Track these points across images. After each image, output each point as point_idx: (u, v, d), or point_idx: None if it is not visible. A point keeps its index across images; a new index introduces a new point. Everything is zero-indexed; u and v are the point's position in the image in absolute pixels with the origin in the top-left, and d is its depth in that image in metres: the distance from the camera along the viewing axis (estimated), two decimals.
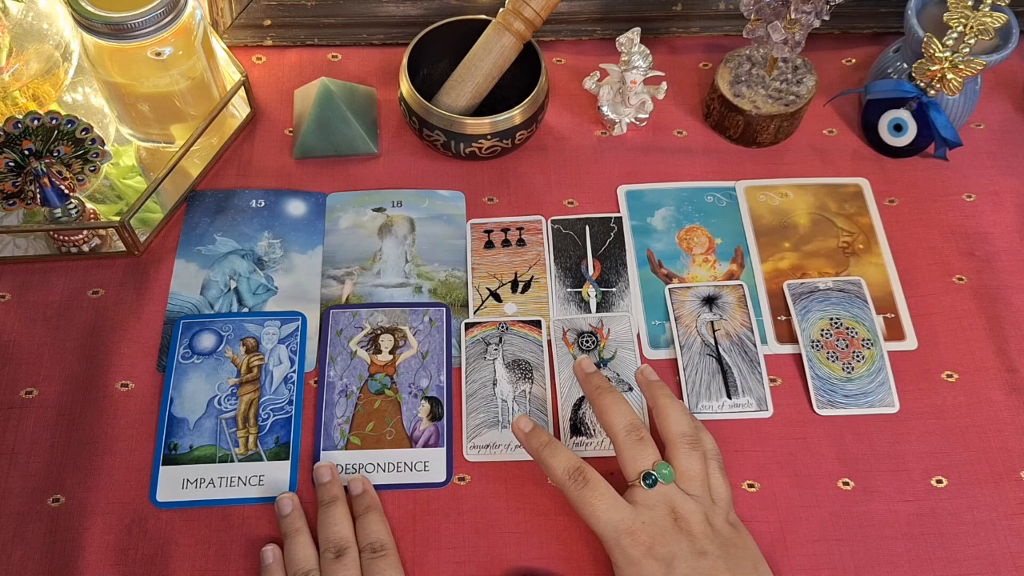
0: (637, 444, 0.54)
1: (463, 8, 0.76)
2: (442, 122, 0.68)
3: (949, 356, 0.65)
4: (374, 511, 0.57)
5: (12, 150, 0.59)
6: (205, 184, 0.71)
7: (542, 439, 0.55)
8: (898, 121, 0.72)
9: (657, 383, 0.59)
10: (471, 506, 0.59)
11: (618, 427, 0.55)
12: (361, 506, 0.57)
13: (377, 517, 0.57)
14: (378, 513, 0.57)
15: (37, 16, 0.67)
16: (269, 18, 0.76)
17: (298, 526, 0.56)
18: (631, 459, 0.54)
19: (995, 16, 0.65)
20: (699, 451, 0.55)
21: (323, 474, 0.58)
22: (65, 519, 0.57)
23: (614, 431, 0.55)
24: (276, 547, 0.56)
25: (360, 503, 0.57)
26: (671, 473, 0.53)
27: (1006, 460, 0.61)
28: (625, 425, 0.55)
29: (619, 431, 0.54)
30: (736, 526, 0.54)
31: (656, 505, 0.52)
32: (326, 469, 0.58)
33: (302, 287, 0.66)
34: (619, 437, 0.54)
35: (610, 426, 0.55)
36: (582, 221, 0.70)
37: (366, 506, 0.57)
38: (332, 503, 0.57)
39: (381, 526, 0.56)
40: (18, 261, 0.67)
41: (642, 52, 0.69)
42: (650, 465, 0.53)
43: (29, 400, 0.61)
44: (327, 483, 0.58)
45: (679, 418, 0.56)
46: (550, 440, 0.55)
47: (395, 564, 0.55)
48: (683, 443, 0.54)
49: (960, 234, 0.70)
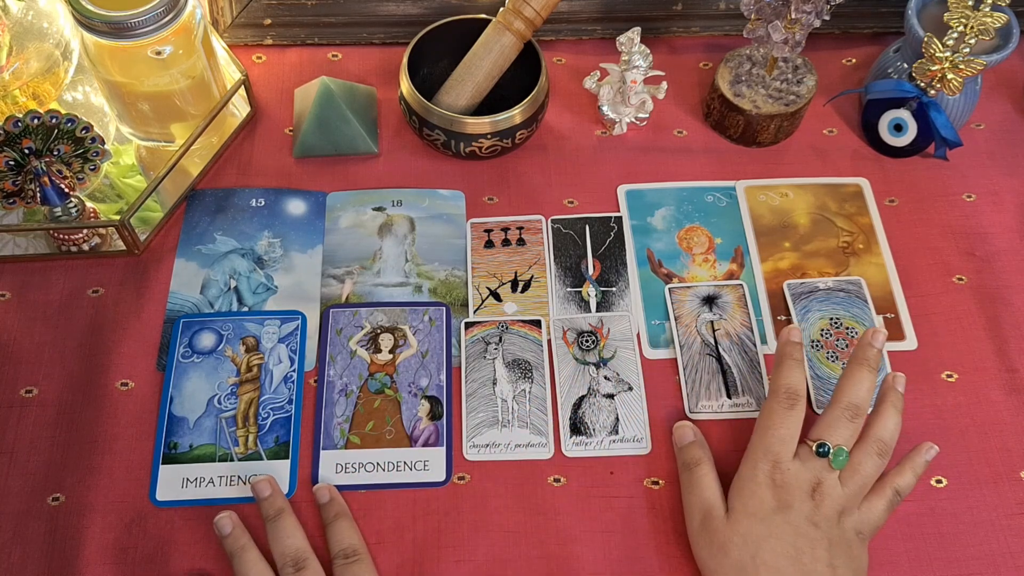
0: (846, 421, 0.55)
1: (463, 7, 0.76)
2: (442, 121, 0.68)
3: (949, 356, 0.65)
4: (343, 517, 0.56)
5: (12, 149, 0.59)
6: (205, 183, 0.71)
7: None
8: (898, 121, 0.72)
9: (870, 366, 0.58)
10: (471, 505, 0.59)
11: (843, 398, 0.56)
12: (330, 514, 0.56)
13: (347, 524, 0.56)
14: (347, 519, 0.56)
15: (37, 15, 0.67)
16: (269, 17, 0.76)
17: (243, 543, 0.54)
18: (827, 426, 0.55)
19: (995, 16, 0.65)
20: (882, 462, 0.55)
21: (261, 489, 0.56)
22: (65, 518, 0.57)
23: (836, 397, 0.56)
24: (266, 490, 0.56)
25: (328, 511, 0.56)
26: (844, 461, 0.54)
27: (1006, 460, 0.61)
28: (849, 400, 0.55)
29: (840, 400, 0.56)
30: (861, 538, 0.53)
31: (810, 469, 0.53)
32: (264, 484, 0.56)
33: (302, 286, 0.66)
34: (835, 405, 0.56)
35: (840, 390, 0.56)
36: (582, 221, 0.70)
37: (335, 513, 0.56)
38: (279, 516, 0.55)
39: (352, 532, 0.55)
40: (18, 260, 0.67)
41: (642, 52, 0.69)
42: (834, 443, 0.54)
43: (29, 399, 0.61)
44: (267, 497, 0.56)
45: (887, 425, 0.56)
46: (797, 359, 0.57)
47: (370, 569, 0.54)
48: (874, 446, 0.55)
49: (960, 234, 0.70)
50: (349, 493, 0.59)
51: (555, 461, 0.60)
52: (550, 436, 0.61)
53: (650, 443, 0.61)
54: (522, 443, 0.61)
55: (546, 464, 0.60)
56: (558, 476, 0.60)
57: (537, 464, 0.60)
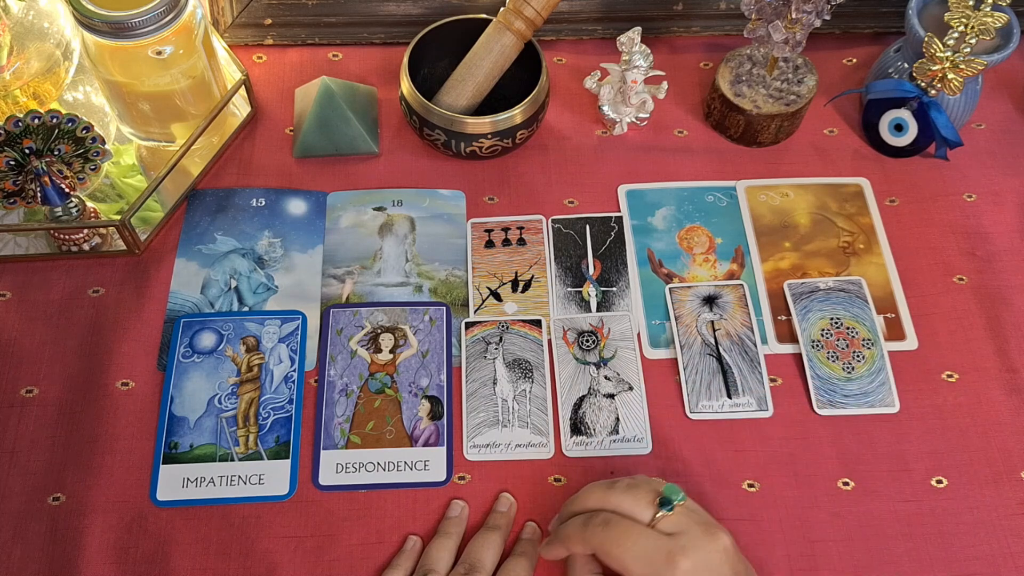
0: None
1: (464, 7, 0.76)
2: (443, 121, 0.68)
3: (949, 356, 0.65)
4: (526, 559, 0.55)
5: (13, 148, 0.59)
6: (206, 183, 0.71)
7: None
8: (899, 121, 0.72)
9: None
10: (471, 505, 0.59)
11: (464, 558, 0.55)
12: (519, 548, 0.56)
13: (526, 565, 0.55)
14: (529, 562, 0.55)
15: (38, 15, 0.67)
16: (270, 17, 0.76)
17: (451, 531, 0.57)
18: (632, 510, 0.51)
19: (996, 16, 0.65)
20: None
21: (501, 503, 0.58)
22: (65, 518, 0.57)
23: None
24: (418, 539, 0.57)
25: (520, 545, 0.57)
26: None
27: (1006, 460, 0.61)
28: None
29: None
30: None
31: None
32: (506, 501, 0.59)
33: (302, 286, 0.66)
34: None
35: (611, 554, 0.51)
36: (582, 220, 0.70)
37: (522, 551, 0.56)
38: (495, 530, 0.56)
39: (524, 574, 0.55)
40: (19, 260, 0.67)
41: (643, 51, 0.69)
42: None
43: (29, 399, 0.61)
44: (503, 512, 0.58)
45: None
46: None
47: None
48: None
49: (961, 234, 0.70)
50: (349, 493, 0.59)
51: (555, 461, 0.60)
52: (550, 436, 0.61)
53: (650, 443, 0.61)
54: (522, 443, 0.61)
55: (546, 464, 0.60)
56: (559, 476, 0.60)
57: (537, 464, 0.60)
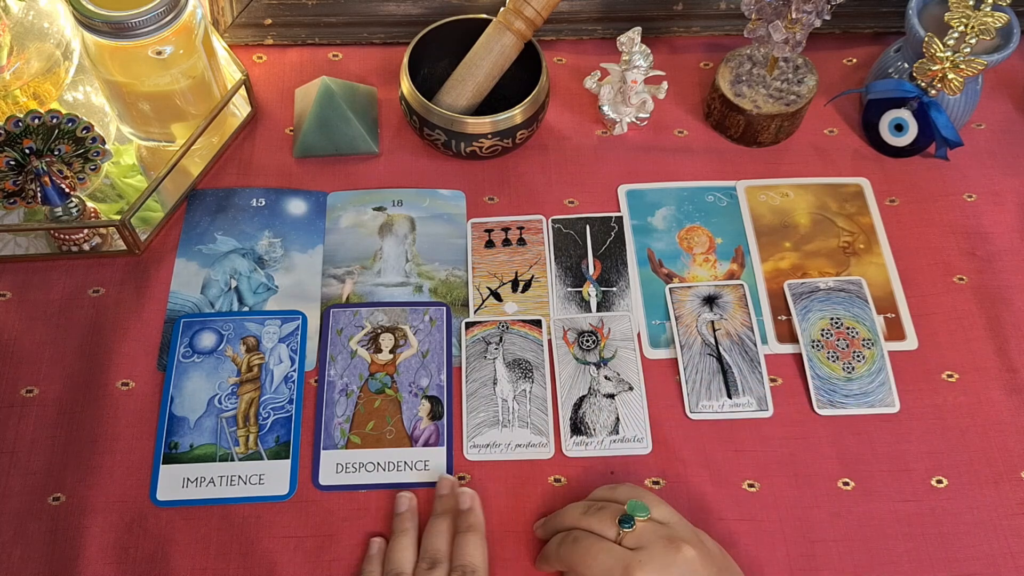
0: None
1: (464, 7, 0.76)
2: (443, 121, 0.68)
3: (949, 356, 0.65)
4: (475, 532, 0.55)
5: (13, 148, 0.59)
6: (206, 183, 0.71)
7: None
8: (899, 121, 0.72)
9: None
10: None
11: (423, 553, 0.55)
12: (464, 523, 0.56)
13: (476, 539, 0.55)
14: (479, 536, 0.55)
15: (38, 15, 0.67)
16: (270, 17, 0.76)
17: (406, 527, 0.56)
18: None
19: (996, 16, 0.65)
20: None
21: (443, 486, 0.58)
22: (65, 518, 0.57)
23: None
24: (382, 540, 0.57)
25: (464, 520, 0.56)
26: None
27: (1006, 460, 0.61)
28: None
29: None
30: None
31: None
32: (447, 483, 0.58)
33: (302, 286, 0.66)
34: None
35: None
36: (582, 220, 0.70)
37: (468, 524, 0.56)
38: (443, 516, 0.56)
39: (478, 549, 0.54)
40: (19, 260, 0.67)
41: (643, 51, 0.69)
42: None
43: (30, 399, 0.61)
44: (444, 496, 0.58)
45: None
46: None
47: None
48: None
49: (961, 234, 0.70)
50: (349, 493, 0.59)
51: (556, 461, 0.60)
52: (550, 436, 0.61)
53: (651, 443, 0.61)
54: (522, 443, 0.61)
55: (546, 464, 0.60)
56: (559, 476, 0.60)
57: (537, 464, 0.60)
